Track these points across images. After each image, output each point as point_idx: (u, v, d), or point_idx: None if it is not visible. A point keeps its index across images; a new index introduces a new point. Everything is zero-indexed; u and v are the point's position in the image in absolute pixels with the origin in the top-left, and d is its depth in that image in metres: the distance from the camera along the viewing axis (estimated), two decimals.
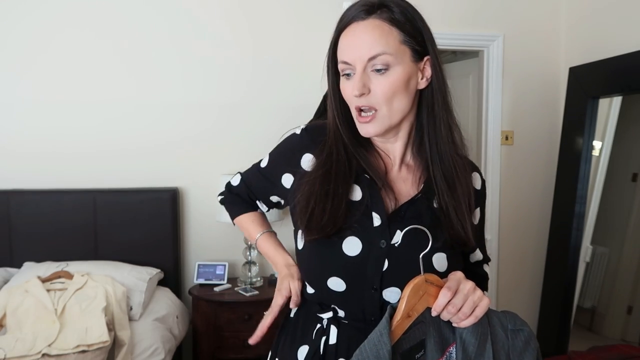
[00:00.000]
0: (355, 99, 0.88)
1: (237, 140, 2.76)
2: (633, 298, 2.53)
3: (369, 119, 0.88)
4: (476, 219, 1.01)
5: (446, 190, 0.92)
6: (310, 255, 0.93)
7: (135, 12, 2.65)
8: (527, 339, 0.83)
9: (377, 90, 0.86)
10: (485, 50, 2.95)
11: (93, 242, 2.55)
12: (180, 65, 2.70)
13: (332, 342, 0.93)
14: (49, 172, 2.61)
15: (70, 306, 2.03)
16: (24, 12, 2.57)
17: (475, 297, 0.80)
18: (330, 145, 0.95)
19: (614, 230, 2.69)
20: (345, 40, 0.89)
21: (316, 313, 0.96)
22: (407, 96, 0.89)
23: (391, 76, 0.86)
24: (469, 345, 0.80)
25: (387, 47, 0.85)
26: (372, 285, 0.88)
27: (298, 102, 2.71)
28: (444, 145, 0.92)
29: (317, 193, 0.91)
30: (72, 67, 2.62)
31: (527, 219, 3.02)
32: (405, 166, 0.97)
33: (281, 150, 1.04)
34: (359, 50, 0.86)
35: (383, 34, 0.86)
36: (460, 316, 0.80)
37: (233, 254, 2.75)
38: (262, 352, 2.44)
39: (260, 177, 1.08)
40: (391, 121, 0.89)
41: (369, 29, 0.86)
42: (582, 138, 2.61)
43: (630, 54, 2.32)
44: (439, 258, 0.90)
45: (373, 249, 0.88)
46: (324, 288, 0.91)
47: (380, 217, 0.90)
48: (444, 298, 0.79)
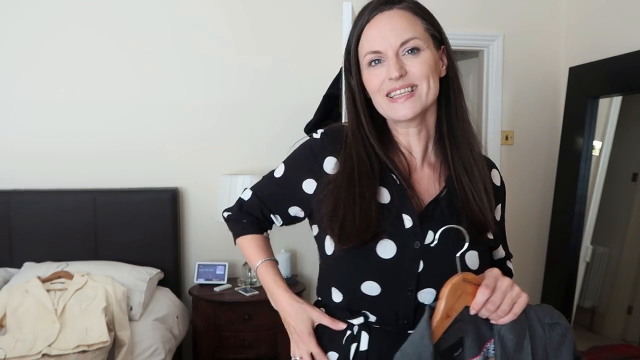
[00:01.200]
0: (390, 83, 0.87)
1: (238, 141, 2.76)
2: (633, 298, 2.53)
3: (405, 97, 0.87)
4: (498, 215, 1.01)
5: (464, 175, 0.92)
6: (343, 261, 0.91)
7: (137, 12, 2.65)
8: (563, 332, 0.83)
9: (414, 70, 0.87)
10: (485, 50, 2.95)
11: (93, 242, 2.55)
12: (181, 65, 2.70)
13: (364, 349, 0.91)
14: (49, 172, 2.61)
15: (70, 306, 2.03)
16: (24, 12, 2.57)
17: (514, 293, 0.79)
18: (350, 148, 0.93)
19: (614, 230, 2.69)
20: (372, 31, 0.90)
21: (346, 319, 0.93)
22: (437, 78, 0.91)
23: (424, 56, 0.88)
24: (508, 342, 0.79)
25: (415, 32, 0.88)
26: (408, 287, 0.87)
27: (299, 103, 2.71)
28: (460, 132, 0.93)
29: (343, 199, 0.89)
30: (73, 67, 2.62)
31: (527, 219, 3.02)
32: (428, 164, 0.97)
33: (299, 156, 1.01)
34: (389, 38, 0.87)
35: (410, 21, 0.89)
36: (499, 313, 0.79)
37: (233, 254, 2.75)
38: (262, 352, 2.44)
39: (275, 187, 1.03)
40: (427, 100, 0.89)
41: (395, 17, 0.89)
42: (582, 138, 2.61)
43: (630, 54, 2.32)
44: (472, 256, 0.89)
45: (407, 250, 0.88)
46: (357, 293, 0.89)
47: (412, 218, 0.89)
48: (483, 296, 0.78)
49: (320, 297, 1.01)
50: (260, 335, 2.42)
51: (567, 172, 2.71)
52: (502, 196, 1.03)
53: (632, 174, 2.57)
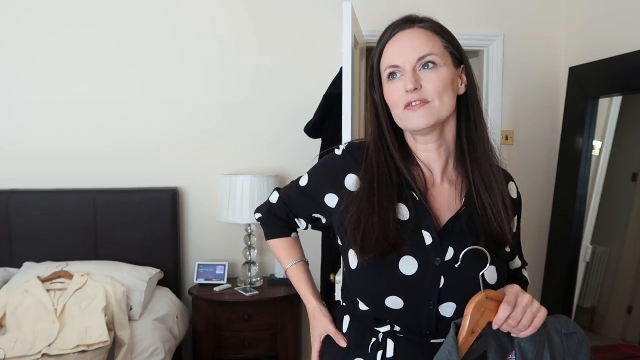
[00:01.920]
0: (407, 95, 0.90)
1: (238, 141, 2.76)
2: (633, 298, 2.52)
3: (419, 105, 0.90)
4: (514, 227, 1.04)
5: (484, 190, 0.94)
6: (367, 276, 0.94)
7: (137, 12, 2.65)
8: (580, 341, 0.86)
9: (429, 85, 0.90)
10: (485, 50, 2.95)
11: (93, 242, 2.55)
12: (181, 64, 2.70)
13: (390, 356, 0.94)
14: (49, 172, 2.61)
15: (70, 306, 2.03)
16: (24, 12, 2.57)
17: (534, 309, 0.83)
18: (371, 159, 0.97)
19: (614, 230, 2.68)
20: (393, 47, 0.94)
21: (373, 327, 0.97)
22: (453, 95, 0.93)
23: (440, 73, 0.91)
24: (528, 353, 0.83)
25: (433, 49, 0.92)
26: (430, 301, 0.91)
27: (300, 103, 2.71)
28: (481, 148, 0.96)
29: (364, 210, 0.92)
30: (73, 67, 2.62)
31: (527, 219, 3.00)
32: (448, 180, 0.99)
33: (322, 171, 1.07)
34: (408, 53, 0.92)
35: (429, 39, 0.93)
36: (520, 328, 0.83)
37: (233, 254, 2.75)
38: (262, 352, 2.44)
39: (301, 195, 1.09)
40: (440, 115, 0.92)
41: (415, 35, 0.93)
42: (582, 138, 2.61)
43: (630, 54, 2.32)
44: (490, 271, 0.92)
45: (429, 266, 0.91)
46: (382, 306, 0.93)
47: (432, 235, 0.92)
48: (504, 313, 0.82)
49: (345, 304, 1.06)
50: (260, 335, 2.42)
51: (567, 172, 2.71)
52: (519, 209, 1.07)
53: (632, 174, 2.56)
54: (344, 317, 1.05)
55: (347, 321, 1.04)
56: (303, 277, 1.15)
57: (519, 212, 1.07)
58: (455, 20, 2.83)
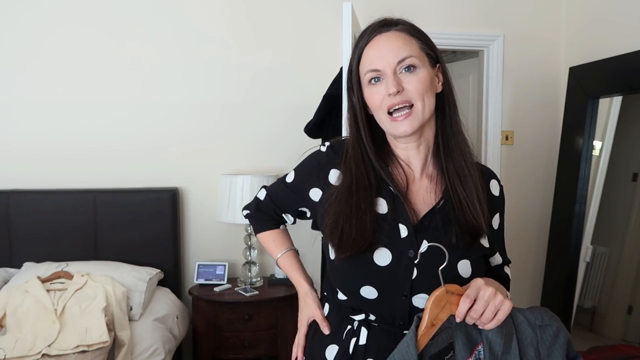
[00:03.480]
0: (389, 98, 0.93)
1: (237, 141, 2.76)
2: (633, 298, 2.53)
3: (404, 116, 0.94)
4: (496, 224, 1.06)
5: (458, 184, 0.97)
6: (343, 267, 0.98)
7: (137, 12, 2.65)
8: (555, 333, 0.87)
9: (410, 87, 0.93)
10: (485, 50, 2.95)
11: (93, 242, 2.55)
12: (181, 65, 2.70)
13: (362, 343, 0.99)
14: (49, 172, 2.61)
15: (70, 306, 2.03)
16: (24, 12, 2.57)
17: (497, 301, 0.84)
18: (349, 161, 1.00)
19: (614, 230, 2.69)
20: (372, 51, 0.96)
21: (349, 315, 1.01)
22: (433, 95, 0.97)
23: (419, 74, 0.94)
24: (495, 345, 0.85)
25: (411, 51, 0.94)
26: (403, 292, 0.94)
27: (299, 103, 2.72)
28: (455, 143, 0.99)
29: (342, 211, 0.96)
30: (73, 67, 2.62)
31: (527, 219, 3.02)
32: (427, 175, 1.02)
33: (307, 166, 1.10)
34: (387, 56, 0.94)
35: (406, 41, 0.95)
36: (483, 320, 0.84)
37: (233, 254, 2.75)
38: (262, 352, 2.44)
39: (287, 191, 1.13)
40: (423, 117, 0.95)
41: (393, 38, 0.95)
42: (582, 138, 2.61)
43: (630, 54, 2.32)
44: (464, 264, 0.95)
45: (402, 258, 0.94)
46: (357, 296, 0.97)
47: (407, 228, 0.95)
48: (464, 305, 0.83)
49: (326, 293, 1.09)
50: (260, 335, 2.42)
51: (567, 172, 2.71)
52: (501, 206, 1.08)
53: (632, 174, 2.56)
54: (325, 306, 1.10)
55: (326, 309, 1.09)
56: (293, 264, 1.19)
57: (502, 209, 1.08)
58: (455, 21, 2.86)
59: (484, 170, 1.06)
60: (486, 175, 1.05)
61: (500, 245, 1.10)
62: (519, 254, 3.03)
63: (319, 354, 1.04)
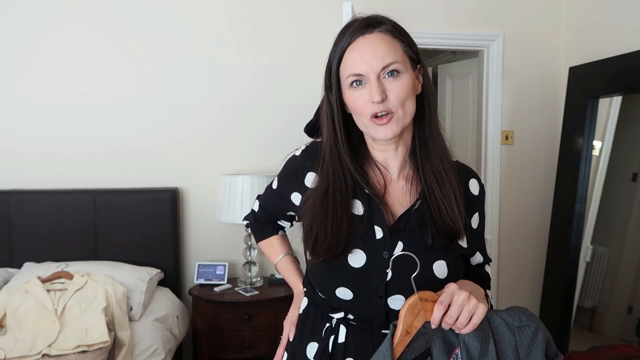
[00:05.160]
0: (373, 105, 0.91)
1: (237, 141, 2.76)
2: (633, 298, 2.53)
3: (386, 120, 0.92)
4: (475, 223, 1.05)
5: (435, 186, 0.96)
6: (319, 268, 1.00)
7: (137, 12, 2.65)
8: (534, 333, 0.87)
9: (392, 94, 0.91)
10: (485, 50, 2.95)
11: (93, 242, 2.55)
12: (181, 65, 2.70)
13: (341, 341, 0.99)
14: (49, 172, 2.61)
15: (70, 306, 2.03)
16: (24, 12, 2.57)
17: (471, 306, 0.82)
18: (326, 165, 0.99)
19: (614, 230, 2.69)
20: (355, 53, 0.93)
21: (328, 313, 1.02)
22: (414, 100, 0.95)
23: (403, 80, 0.92)
24: (472, 348, 0.84)
25: (396, 56, 0.92)
26: (378, 293, 0.94)
27: (299, 103, 2.72)
28: (433, 145, 0.98)
29: (317, 216, 0.96)
30: (73, 67, 2.62)
31: (527, 219, 3.02)
32: (404, 177, 1.01)
33: (285, 172, 1.10)
34: (371, 61, 0.91)
35: (390, 45, 0.92)
36: (458, 325, 0.83)
37: (233, 254, 2.75)
38: (262, 352, 2.44)
39: (274, 198, 1.15)
40: (404, 123, 0.94)
41: (376, 41, 0.92)
42: (582, 138, 2.61)
43: (630, 54, 2.32)
44: (440, 265, 0.94)
45: (377, 260, 0.94)
46: (333, 296, 0.97)
47: (382, 230, 0.95)
48: (438, 312, 0.82)
49: (306, 289, 1.10)
50: (260, 335, 2.42)
51: (567, 172, 2.71)
52: (480, 205, 1.06)
53: (632, 174, 2.56)
54: (303, 299, 1.10)
55: (304, 304, 1.09)
56: (290, 268, 1.20)
57: (481, 208, 1.06)
58: (455, 21, 2.86)
59: (464, 169, 1.05)
60: (465, 175, 1.03)
61: (480, 244, 1.08)
62: (519, 254, 3.03)
63: (300, 352, 1.04)
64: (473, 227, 1.04)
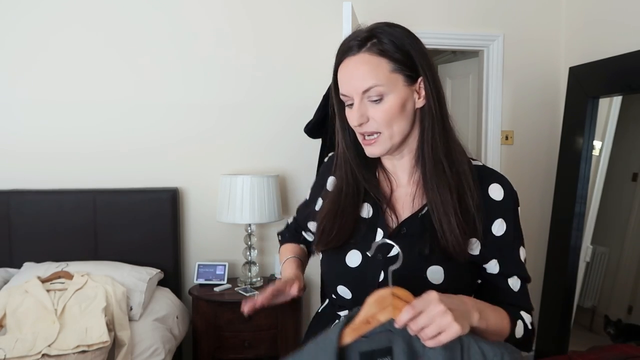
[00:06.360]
0: (356, 127, 0.95)
1: (237, 141, 2.76)
2: (633, 298, 2.53)
3: (373, 141, 0.95)
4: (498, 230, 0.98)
5: (439, 203, 0.94)
6: (324, 265, 1.06)
7: (136, 12, 2.65)
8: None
9: (375, 117, 0.93)
10: (485, 50, 2.95)
11: (93, 242, 2.55)
12: (181, 65, 2.70)
13: None
14: (49, 172, 2.61)
15: (70, 306, 2.03)
16: (23, 12, 2.57)
17: (443, 322, 0.76)
18: (340, 170, 1.06)
19: (614, 230, 2.69)
20: (341, 74, 0.96)
21: (336, 312, 1.06)
22: (405, 118, 0.94)
23: (386, 104, 0.92)
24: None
25: (377, 80, 0.91)
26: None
27: (299, 103, 2.72)
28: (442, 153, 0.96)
29: (329, 213, 1.02)
30: (72, 67, 2.62)
31: (527, 218, 3.02)
32: (414, 183, 1.01)
33: (317, 178, 1.19)
34: (353, 84, 0.93)
35: (372, 68, 0.91)
36: (423, 336, 0.79)
37: (233, 254, 2.75)
38: (262, 352, 2.44)
39: (304, 208, 1.23)
40: (393, 142, 0.96)
41: (359, 64, 0.92)
42: (582, 138, 2.61)
43: (630, 54, 2.32)
44: (434, 271, 0.94)
45: (371, 260, 0.97)
46: (337, 294, 1.02)
47: (383, 233, 0.98)
48: (406, 315, 0.78)
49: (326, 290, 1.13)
50: (260, 335, 2.42)
51: (567, 172, 2.71)
52: (505, 211, 0.98)
53: (632, 174, 2.57)
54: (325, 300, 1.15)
55: (324, 304, 1.14)
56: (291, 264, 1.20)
57: (508, 215, 0.98)
58: (455, 21, 2.86)
59: (486, 173, 1.00)
60: (485, 180, 0.98)
61: (504, 254, 0.98)
62: None
63: None
64: (495, 235, 0.97)
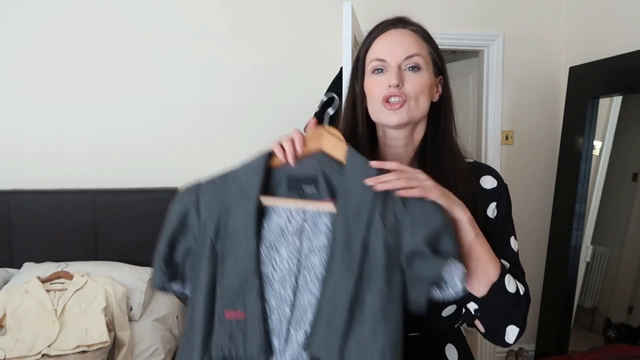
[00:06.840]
0: (388, 89, 0.95)
1: (237, 141, 2.76)
2: (633, 298, 2.53)
3: (398, 106, 0.95)
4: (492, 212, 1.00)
5: None
6: None
7: (135, 12, 2.65)
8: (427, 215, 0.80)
9: (409, 85, 0.95)
10: (485, 50, 2.95)
11: (93, 242, 2.55)
12: (180, 65, 2.70)
13: None
14: (49, 172, 2.61)
15: (70, 306, 2.03)
16: (23, 12, 2.57)
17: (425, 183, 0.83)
18: None
19: (614, 230, 2.69)
20: (383, 42, 0.98)
21: None
22: (428, 100, 0.98)
23: (421, 76, 0.96)
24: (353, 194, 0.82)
25: (421, 51, 0.97)
26: None
27: (298, 103, 2.71)
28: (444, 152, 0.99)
29: None
30: (72, 67, 2.61)
31: (527, 218, 3.02)
32: None
33: None
34: (396, 50, 0.96)
35: (418, 42, 0.98)
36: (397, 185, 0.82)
37: None
38: None
39: None
40: (414, 114, 0.97)
41: (406, 35, 0.98)
42: (582, 138, 2.61)
43: (630, 54, 2.32)
44: None
45: None
46: None
47: None
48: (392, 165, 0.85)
49: None
50: None
51: (567, 172, 2.71)
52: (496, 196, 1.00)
53: (632, 174, 2.57)
54: None
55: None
56: None
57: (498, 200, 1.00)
58: (455, 21, 2.86)
59: (479, 168, 1.02)
60: (479, 173, 1.00)
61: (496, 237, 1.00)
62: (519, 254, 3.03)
63: None
64: (490, 217, 0.99)
